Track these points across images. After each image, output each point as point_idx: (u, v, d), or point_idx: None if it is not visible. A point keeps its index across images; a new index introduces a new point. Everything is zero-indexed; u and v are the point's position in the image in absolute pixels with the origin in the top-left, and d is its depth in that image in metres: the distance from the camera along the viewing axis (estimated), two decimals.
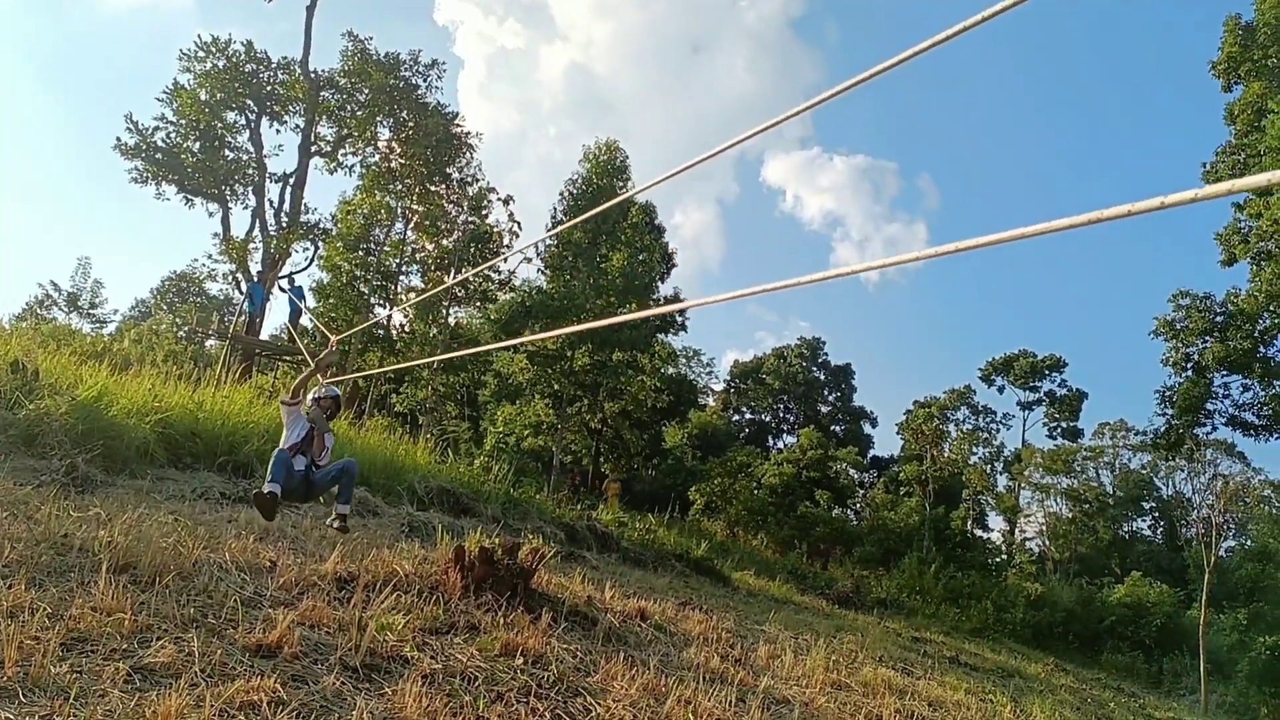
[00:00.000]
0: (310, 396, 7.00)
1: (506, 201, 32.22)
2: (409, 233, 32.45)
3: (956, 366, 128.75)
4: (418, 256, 32.66)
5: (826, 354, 62.56)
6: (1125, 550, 48.50)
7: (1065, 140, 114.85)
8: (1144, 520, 54.65)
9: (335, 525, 6.84)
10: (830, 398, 62.40)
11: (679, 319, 40.60)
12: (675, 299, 39.95)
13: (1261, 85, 27.09)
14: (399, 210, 31.99)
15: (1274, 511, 37.88)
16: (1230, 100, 28.73)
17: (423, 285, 32.44)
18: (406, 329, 31.55)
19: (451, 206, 32.07)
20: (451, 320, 32.47)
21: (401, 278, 32.50)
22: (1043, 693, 13.00)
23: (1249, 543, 38.91)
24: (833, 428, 58.99)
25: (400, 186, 31.57)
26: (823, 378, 62.01)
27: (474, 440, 43.97)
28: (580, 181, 34.91)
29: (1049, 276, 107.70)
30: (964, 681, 11.12)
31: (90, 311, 48.89)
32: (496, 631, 6.44)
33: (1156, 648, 30.56)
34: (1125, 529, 52.41)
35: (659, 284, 37.72)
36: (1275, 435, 29.54)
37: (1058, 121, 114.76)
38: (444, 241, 31.76)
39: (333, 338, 7.77)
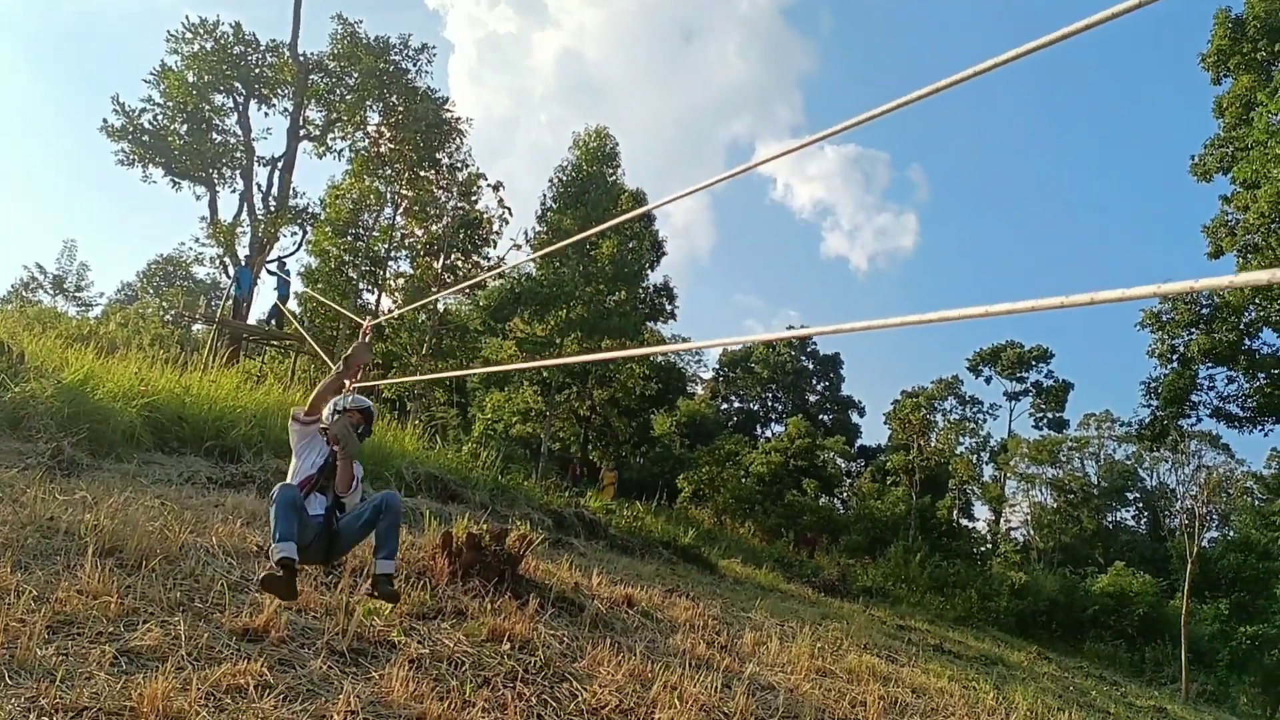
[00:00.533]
0: (329, 409, 5.28)
1: (496, 187, 32.14)
2: (398, 218, 32.32)
3: (944, 356, 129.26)
4: (407, 242, 32.54)
5: (815, 343, 62.68)
6: (1109, 540, 48.90)
7: (1057, 134, 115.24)
8: (1128, 511, 55.20)
9: (377, 593, 4.99)
10: (818, 387, 62.62)
11: (668, 308, 40.62)
12: (665, 288, 39.97)
13: (1250, 78, 27.19)
14: (388, 195, 31.84)
15: (1257, 503, 38.27)
16: (1219, 93, 28.84)
17: (411, 271, 32.34)
18: (395, 315, 31.48)
19: (441, 192, 31.92)
20: (440, 306, 32.40)
21: (390, 263, 32.39)
22: (1025, 680, 13.11)
23: (1231, 534, 39.31)
24: (820, 417, 59.23)
25: (389, 171, 31.41)
26: (811, 367, 62.20)
27: (462, 427, 43.97)
28: (570, 168, 34.84)
29: (1038, 266, 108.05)
30: (947, 669, 11.21)
31: (76, 294, 48.72)
32: (483, 617, 6.46)
33: (1139, 637, 30.83)
34: (1109, 519, 52.87)
35: (648, 272, 37.70)
36: (1259, 427, 29.77)
37: (1049, 115, 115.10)
38: (433, 227, 31.64)
39: (365, 322, 5.94)
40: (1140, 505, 54.65)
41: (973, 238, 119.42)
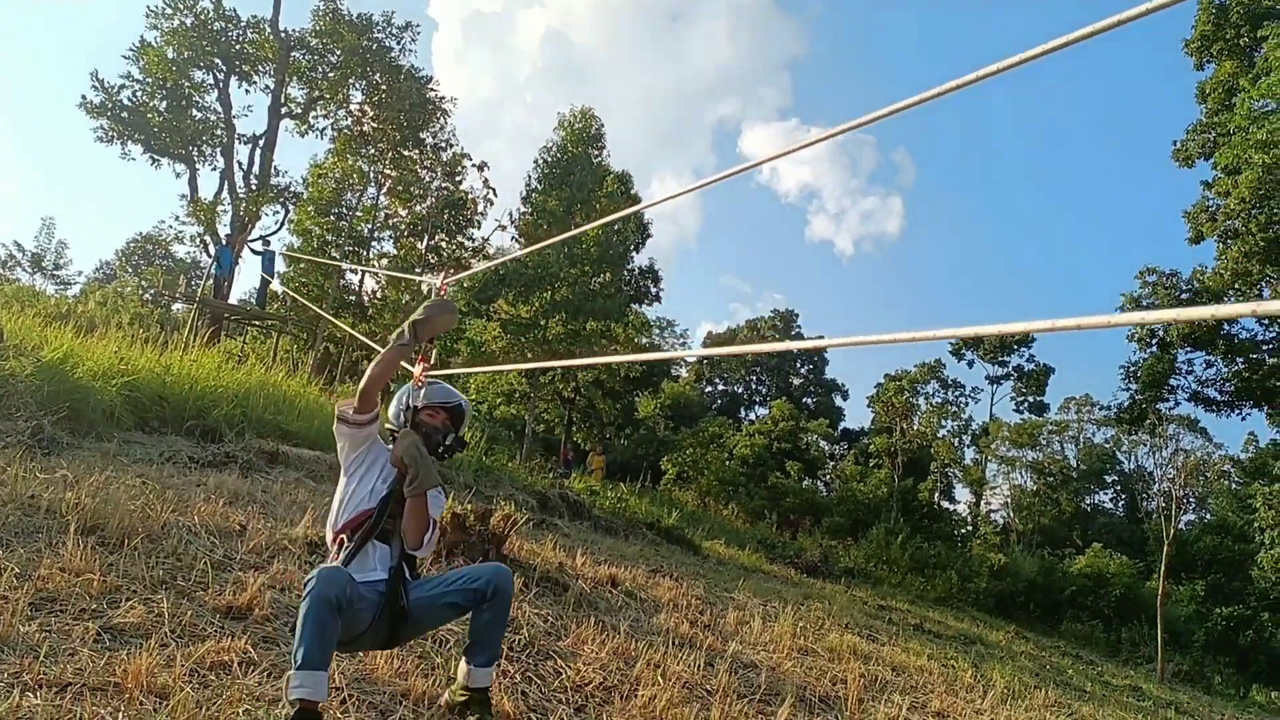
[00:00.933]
0: (398, 405, 3.85)
1: (481, 168, 32.01)
2: (381, 198, 32.14)
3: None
4: (390, 222, 32.37)
5: (799, 326, 63.04)
6: (1087, 522, 49.42)
7: (1041, 117, 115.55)
8: (1106, 493, 55.78)
9: (473, 717, 3.64)
10: (802, 370, 62.86)
11: (653, 290, 40.65)
12: (650, 270, 39.99)
13: (1233, 64, 27.35)
14: (371, 175, 31.66)
15: (1233, 486, 38.72)
16: (1202, 79, 29.01)
17: (395, 251, 32.20)
18: (378, 295, 31.33)
19: (425, 172, 31.78)
20: (424, 288, 32.29)
21: (374, 243, 32.22)
22: (1003, 659, 13.25)
23: (1208, 516, 39.85)
24: (804, 400, 59.52)
25: (373, 151, 31.21)
26: (795, 350, 62.34)
27: None
28: (555, 149, 34.69)
29: (1020, 252, 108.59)
30: (927, 647, 11.33)
31: (54, 273, 48.28)
32: None
33: (1115, 617, 31.22)
34: (1087, 501, 53.43)
35: (633, 254, 37.68)
36: (1236, 411, 30.11)
37: (1034, 98, 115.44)
38: (417, 207, 31.49)
39: (439, 280, 4.12)
40: (1118, 488, 55.20)
41: (958, 221, 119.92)
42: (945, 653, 11.61)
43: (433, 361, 3.84)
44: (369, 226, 31.82)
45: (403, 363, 3.67)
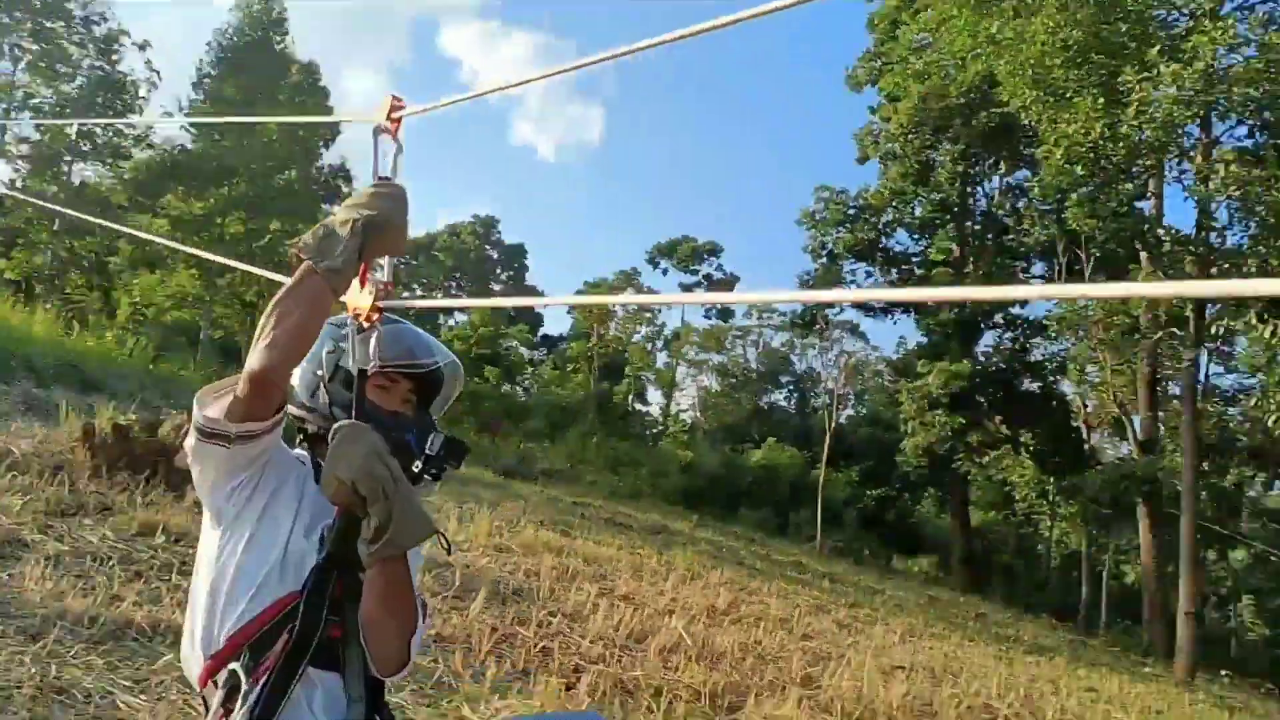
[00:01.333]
0: (311, 373, 1.91)
1: (143, 47, 28.49)
2: (19, 74, 27.77)
3: (625, 249, 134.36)
4: (31, 103, 28.16)
5: (500, 232, 62.67)
6: (764, 419, 53.74)
7: (731, 39, 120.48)
8: (781, 392, 60.80)
9: None
10: (503, 276, 62.80)
11: (345, 190, 38.53)
12: (341, 168, 37.82)
13: None
14: (5, 47, 27.18)
15: (886, 383, 43.72)
16: (871, 10, 31.54)
17: (39, 135, 28.14)
18: (17, 184, 27.36)
19: (73, 48, 27.77)
20: (76, 179, 28.60)
21: (11, 125, 27.94)
22: (685, 545, 14.31)
23: (864, 411, 44.86)
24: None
25: (6, 19, 26.77)
26: (496, 256, 62.17)
27: (106, 312, 39.55)
28: (231, 32, 31.52)
29: (713, 164, 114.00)
30: (617, 539, 12.01)
31: None
32: (134, 511, 5.99)
33: (786, 504, 34.58)
34: (765, 400, 58.06)
35: (323, 150, 35.41)
36: (890, 316, 33.82)
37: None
38: (64, 87, 27.58)
39: (382, 113, 1.87)
40: (791, 387, 60.31)
41: (656, 132, 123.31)
42: (633, 543, 12.36)
43: (386, 283, 1.96)
44: (5, 106, 27.51)
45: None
